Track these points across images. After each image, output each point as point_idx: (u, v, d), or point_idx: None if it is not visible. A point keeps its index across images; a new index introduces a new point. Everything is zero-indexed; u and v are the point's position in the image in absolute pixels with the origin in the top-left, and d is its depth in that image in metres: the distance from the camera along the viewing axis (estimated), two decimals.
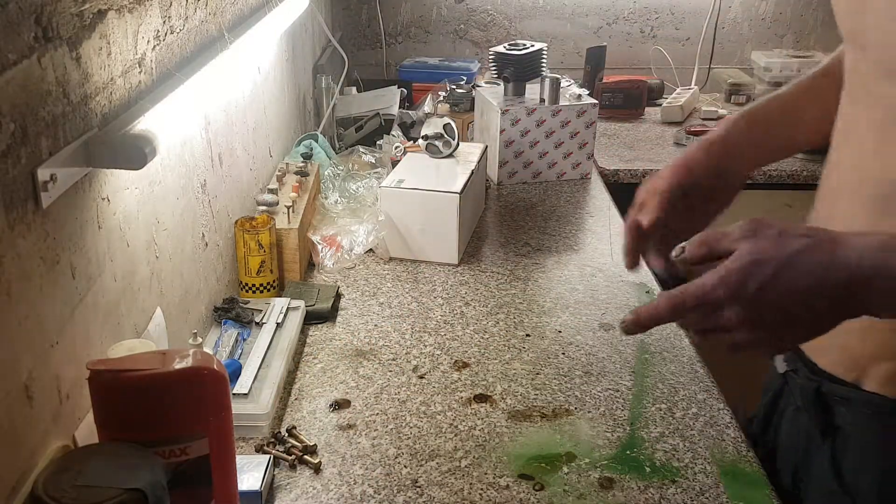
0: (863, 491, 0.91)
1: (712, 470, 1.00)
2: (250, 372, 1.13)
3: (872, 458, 0.91)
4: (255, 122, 1.55)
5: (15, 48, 0.69)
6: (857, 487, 0.92)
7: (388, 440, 1.06)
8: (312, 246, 1.53)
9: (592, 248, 1.62)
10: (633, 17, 2.80)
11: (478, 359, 1.24)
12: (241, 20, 1.41)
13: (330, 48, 2.31)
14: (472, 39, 2.82)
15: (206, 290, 1.25)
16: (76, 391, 0.82)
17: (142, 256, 1.00)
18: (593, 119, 1.95)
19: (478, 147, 1.77)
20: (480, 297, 1.43)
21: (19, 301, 0.71)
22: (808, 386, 0.97)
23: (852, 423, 0.93)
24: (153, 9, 1.00)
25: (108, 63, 0.88)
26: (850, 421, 0.93)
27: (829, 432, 0.95)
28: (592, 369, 1.21)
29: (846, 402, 0.93)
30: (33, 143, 0.73)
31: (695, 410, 1.12)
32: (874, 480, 0.91)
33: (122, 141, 0.83)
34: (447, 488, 0.98)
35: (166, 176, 1.07)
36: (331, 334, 1.31)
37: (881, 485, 0.90)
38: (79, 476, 0.69)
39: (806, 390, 0.97)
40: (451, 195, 1.52)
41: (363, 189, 1.71)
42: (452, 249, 1.54)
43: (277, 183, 1.55)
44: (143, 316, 1.00)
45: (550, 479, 0.99)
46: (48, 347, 0.77)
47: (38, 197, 0.74)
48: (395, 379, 1.19)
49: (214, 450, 0.80)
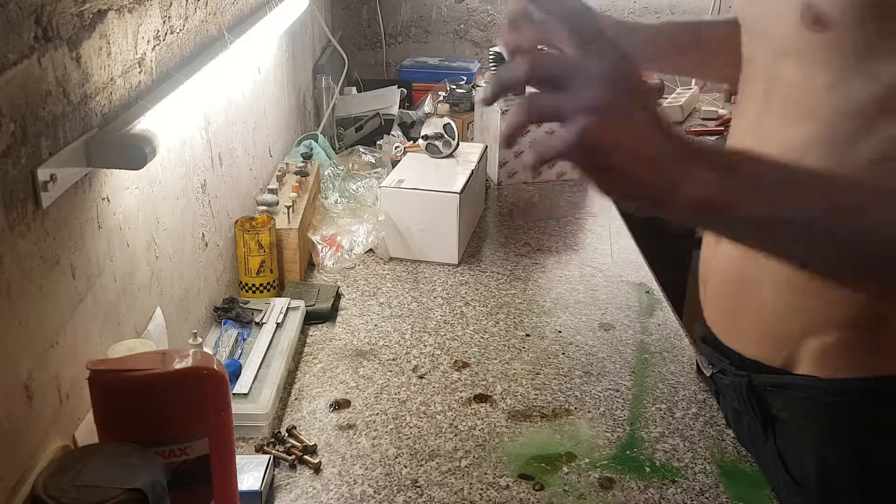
0: (809, 478, 0.93)
1: (712, 470, 1.00)
2: (250, 372, 1.13)
3: (811, 444, 0.92)
4: (255, 122, 1.55)
5: (15, 48, 0.69)
6: (804, 476, 0.93)
7: (388, 440, 1.06)
8: (312, 246, 1.53)
9: (592, 248, 1.62)
10: (633, 18, 2.80)
11: (478, 359, 1.24)
12: (241, 20, 1.41)
13: (330, 48, 2.31)
14: (472, 39, 2.82)
15: (206, 290, 1.25)
16: (76, 391, 0.82)
17: (142, 256, 1.00)
18: None
19: (478, 147, 1.77)
20: (480, 297, 1.43)
21: (19, 301, 0.71)
22: (738, 383, 0.98)
23: (787, 412, 0.94)
24: (153, 9, 1.00)
25: (108, 63, 0.88)
26: (784, 410, 0.94)
27: (769, 426, 0.96)
28: (592, 369, 1.22)
29: (780, 390, 0.94)
30: (33, 143, 0.73)
31: (695, 410, 1.12)
32: (815, 466, 0.92)
33: (122, 141, 0.83)
34: (447, 488, 0.98)
35: (166, 176, 1.07)
36: (331, 334, 1.31)
37: (820, 469, 0.91)
38: (79, 476, 0.69)
39: (738, 387, 0.98)
40: (451, 195, 1.52)
41: (363, 189, 1.71)
42: (452, 249, 1.54)
43: (277, 183, 1.55)
44: (143, 316, 1.00)
45: (550, 479, 0.99)
46: (48, 347, 0.77)
47: (38, 197, 0.74)
48: (395, 379, 1.19)
49: (214, 450, 0.80)
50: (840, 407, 0.90)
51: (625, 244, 1.64)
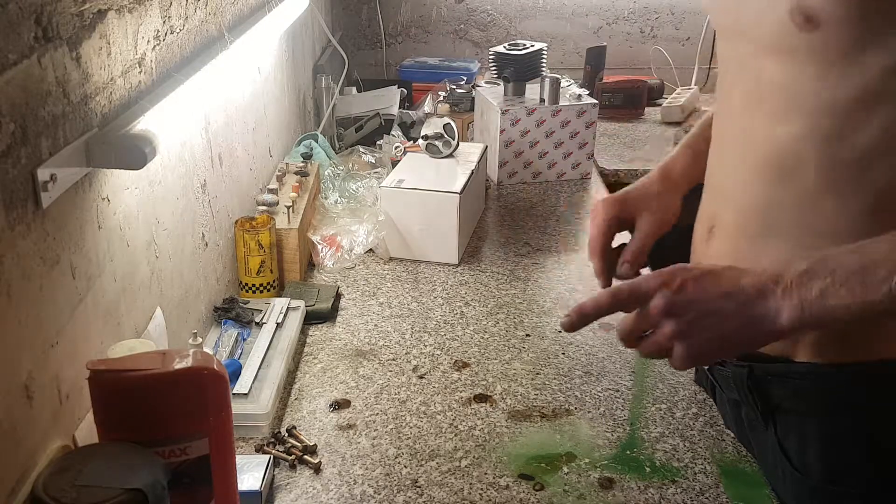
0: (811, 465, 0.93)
1: (712, 470, 1.00)
2: (250, 372, 1.13)
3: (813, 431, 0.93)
4: (255, 122, 1.55)
5: (15, 48, 0.69)
6: (806, 464, 0.93)
7: (388, 440, 1.06)
8: (312, 246, 1.53)
9: None
10: (633, 17, 2.80)
11: (478, 359, 1.24)
12: (241, 20, 1.41)
13: (330, 48, 2.31)
14: (472, 39, 2.82)
15: (206, 290, 1.25)
16: (76, 391, 0.82)
17: (142, 256, 1.00)
18: (593, 119, 1.95)
19: (478, 147, 1.77)
20: (480, 297, 1.43)
21: (19, 301, 0.71)
22: (739, 373, 0.98)
23: (789, 400, 0.94)
24: (153, 9, 1.00)
25: (108, 63, 0.88)
26: (786, 398, 0.94)
27: (768, 415, 0.96)
28: (592, 369, 1.21)
29: (782, 378, 0.94)
30: (33, 143, 0.73)
31: (695, 410, 1.12)
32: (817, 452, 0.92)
33: (122, 141, 0.83)
34: (447, 488, 0.98)
35: (166, 176, 1.08)
36: (331, 334, 1.31)
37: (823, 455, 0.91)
38: (79, 476, 0.69)
39: (739, 378, 0.98)
40: (451, 195, 1.52)
41: (363, 189, 1.71)
42: (452, 249, 1.54)
43: (277, 183, 1.55)
44: (143, 316, 1.00)
45: (550, 479, 0.99)
46: (48, 347, 0.77)
47: (38, 197, 0.74)
48: (395, 379, 1.19)
49: (214, 450, 0.80)
50: (842, 391, 0.90)
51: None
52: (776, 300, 0.75)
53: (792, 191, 0.88)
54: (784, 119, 0.87)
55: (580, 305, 0.82)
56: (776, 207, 0.90)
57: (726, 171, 0.98)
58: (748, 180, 0.92)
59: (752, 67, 0.90)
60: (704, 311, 0.77)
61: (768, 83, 0.88)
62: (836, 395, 0.91)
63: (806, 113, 0.84)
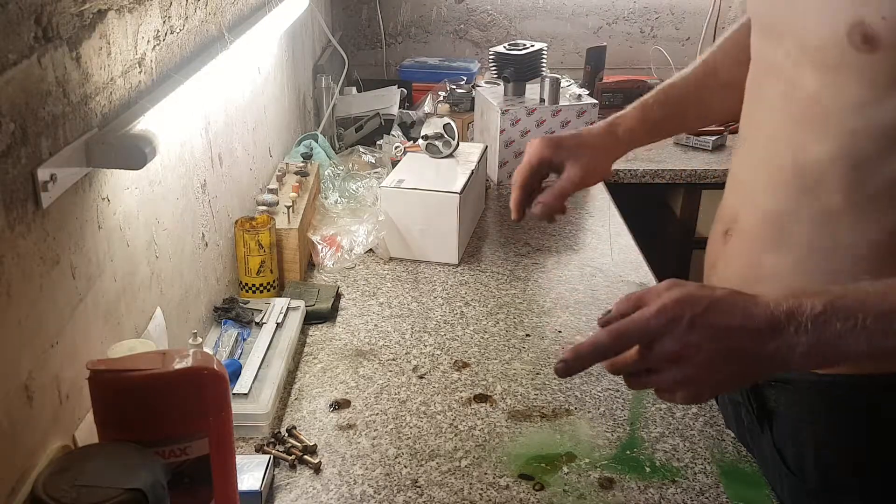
0: (807, 470, 0.93)
1: (712, 470, 1.00)
2: (250, 372, 1.13)
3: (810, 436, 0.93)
4: (255, 122, 1.55)
5: (15, 48, 0.69)
6: (802, 468, 0.93)
7: (388, 440, 1.06)
8: (312, 246, 1.53)
9: (592, 248, 1.62)
10: (633, 17, 2.80)
11: (478, 359, 1.24)
12: (241, 20, 1.41)
13: (330, 48, 2.31)
14: (472, 39, 2.82)
15: (206, 290, 1.25)
16: (76, 391, 0.82)
17: (142, 256, 1.00)
18: (593, 119, 1.94)
19: (478, 147, 1.77)
20: (480, 297, 1.43)
21: (19, 301, 0.71)
22: None
23: (786, 405, 0.94)
24: (153, 9, 1.00)
25: (108, 63, 0.88)
26: (783, 403, 0.94)
27: (764, 419, 0.96)
28: (592, 369, 1.21)
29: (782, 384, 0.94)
30: (33, 143, 0.73)
31: (695, 410, 1.12)
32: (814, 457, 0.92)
33: (122, 141, 0.83)
34: (447, 488, 0.98)
35: (166, 176, 1.07)
36: (331, 334, 1.31)
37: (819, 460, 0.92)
38: (79, 476, 0.69)
39: None
40: (451, 195, 1.52)
41: (363, 189, 1.71)
42: (452, 249, 1.54)
43: (277, 183, 1.55)
44: (143, 316, 1.00)
45: (550, 479, 0.99)
46: (48, 347, 0.77)
47: (38, 197, 0.74)
48: (395, 379, 1.19)
49: (214, 450, 0.80)
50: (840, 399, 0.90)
51: (625, 244, 1.64)
52: (790, 337, 0.69)
53: (811, 205, 0.86)
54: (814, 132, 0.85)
55: (576, 347, 0.73)
56: (793, 219, 0.89)
57: (748, 169, 0.97)
58: (768, 183, 0.91)
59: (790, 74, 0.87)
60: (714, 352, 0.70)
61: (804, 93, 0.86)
62: (835, 404, 0.91)
63: (841, 132, 0.83)
